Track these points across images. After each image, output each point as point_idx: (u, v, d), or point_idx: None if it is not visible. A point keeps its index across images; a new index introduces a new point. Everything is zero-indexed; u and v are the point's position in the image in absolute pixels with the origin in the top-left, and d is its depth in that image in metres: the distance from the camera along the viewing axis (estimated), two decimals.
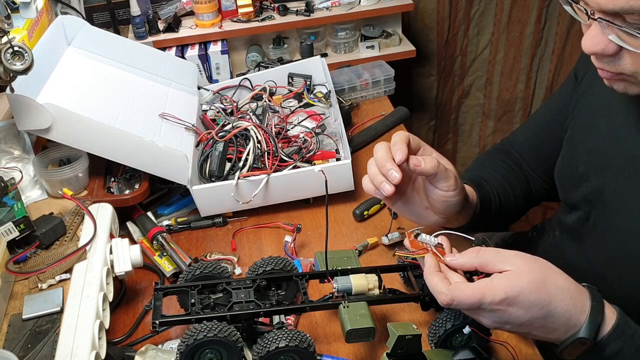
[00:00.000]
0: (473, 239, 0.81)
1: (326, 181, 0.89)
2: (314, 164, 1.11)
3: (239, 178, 1.06)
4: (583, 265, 0.89)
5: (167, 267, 1.00)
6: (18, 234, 0.88)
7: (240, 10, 1.69)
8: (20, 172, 1.04)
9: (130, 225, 1.09)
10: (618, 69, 0.69)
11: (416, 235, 0.78)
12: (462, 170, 1.10)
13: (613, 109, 0.85)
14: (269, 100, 1.32)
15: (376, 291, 0.80)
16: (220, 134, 1.16)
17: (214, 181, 1.09)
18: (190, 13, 1.72)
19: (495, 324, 0.69)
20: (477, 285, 0.68)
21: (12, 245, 0.88)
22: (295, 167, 1.10)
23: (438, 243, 0.77)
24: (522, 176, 1.08)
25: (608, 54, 0.68)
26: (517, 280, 0.67)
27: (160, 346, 0.85)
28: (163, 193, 1.17)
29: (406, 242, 0.80)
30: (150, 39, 1.64)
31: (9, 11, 0.90)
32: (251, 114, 1.26)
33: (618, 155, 0.83)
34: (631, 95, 0.73)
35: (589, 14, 0.66)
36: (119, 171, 1.12)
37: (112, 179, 1.10)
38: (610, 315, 0.70)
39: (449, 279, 0.71)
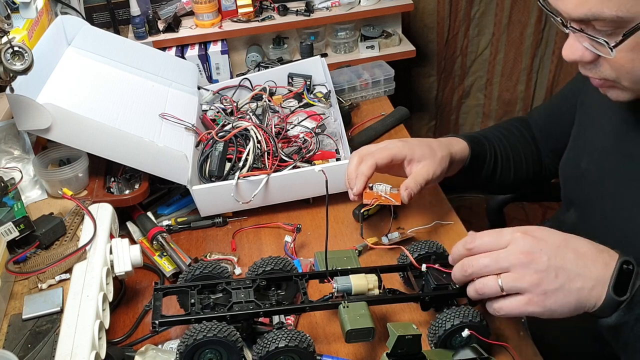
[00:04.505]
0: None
1: (326, 181, 0.89)
2: (314, 164, 1.11)
3: (239, 178, 1.06)
4: None
5: (167, 267, 1.00)
6: (18, 234, 0.88)
7: (240, 10, 1.69)
8: (20, 172, 1.04)
9: (130, 225, 1.08)
10: (601, 75, 0.71)
11: (370, 188, 0.80)
12: None
13: (615, 107, 0.85)
14: (269, 100, 1.32)
15: (376, 291, 0.80)
16: (220, 134, 1.16)
17: (213, 181, 1.09)
18: (190, 13, 1.72)
19: (529, 246, 0.67)
20: None
21: (12, 245, 0.88)
22: (295, 167, 1.10)
23: (392, 189, 0.79)
24: (534, 147, 1.10)
25: (587, 60, 0.70)
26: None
27: (160, 346, 0.85)
28: (163, 193, 1.17)
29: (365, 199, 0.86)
30: (150, 39, 1.64)
31: (9, 11, 0.91)
32: (251, 114, 1.26)
33: (617, 153, 0.83)
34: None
35: (564, 23, 0.69)
36: (119, 171, 1.12)
37: (112, 179, 1.10)
38: None
39: None
